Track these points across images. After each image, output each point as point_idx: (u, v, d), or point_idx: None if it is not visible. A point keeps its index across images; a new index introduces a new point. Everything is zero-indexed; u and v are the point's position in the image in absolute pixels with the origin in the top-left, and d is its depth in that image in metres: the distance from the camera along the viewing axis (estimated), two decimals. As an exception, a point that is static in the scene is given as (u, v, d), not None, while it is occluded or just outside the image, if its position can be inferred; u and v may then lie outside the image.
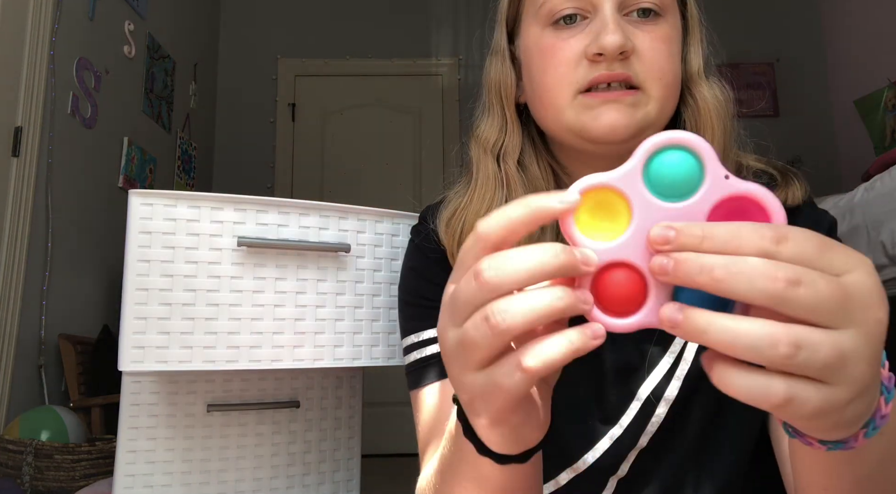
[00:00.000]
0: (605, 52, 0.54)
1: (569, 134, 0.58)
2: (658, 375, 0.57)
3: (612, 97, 0.55)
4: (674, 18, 0.59)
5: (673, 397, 0.57)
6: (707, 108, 0.59)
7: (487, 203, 0.62)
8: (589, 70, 0.55)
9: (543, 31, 0.58)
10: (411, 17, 3.64)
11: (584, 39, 0.56)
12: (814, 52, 3.60)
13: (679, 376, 0.57)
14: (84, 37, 2.18)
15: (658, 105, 0.56)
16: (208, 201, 0.90)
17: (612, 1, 0.55)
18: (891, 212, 1.61)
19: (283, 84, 3.54)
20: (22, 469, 1.49)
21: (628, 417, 0.58)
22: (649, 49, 0.55)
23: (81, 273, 2.16)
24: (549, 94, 0.58)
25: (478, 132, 0.66)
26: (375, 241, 0.99)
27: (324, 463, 1.16)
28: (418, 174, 3.50)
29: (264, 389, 1.13)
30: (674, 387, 0.57)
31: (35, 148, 1.89)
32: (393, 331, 1.00)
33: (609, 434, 0.58)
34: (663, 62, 0.56)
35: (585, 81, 0.56)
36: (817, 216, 0.61)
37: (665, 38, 0.56)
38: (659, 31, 0.56)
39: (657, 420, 0.57)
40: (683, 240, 0.27)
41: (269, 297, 0.91)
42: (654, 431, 0.57)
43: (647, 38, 0.56)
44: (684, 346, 0.57)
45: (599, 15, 0.55)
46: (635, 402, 0.58)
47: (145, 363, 0.85)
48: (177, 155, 2.96)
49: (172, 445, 1.06)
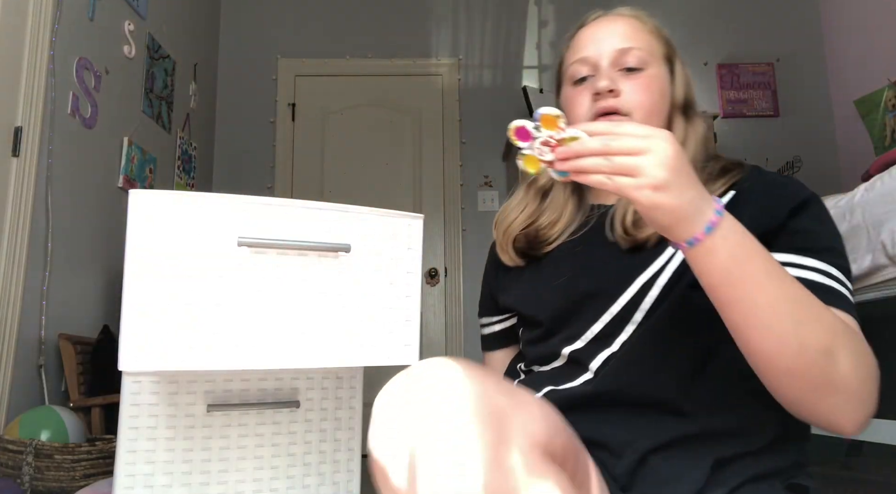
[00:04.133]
0: (599, 91, 0.81)
1: None
2: (652, 270, 0.76)
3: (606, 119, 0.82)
4: (657, 69, 0.84)
5: (662, 284, 0.75)
6: (678, 133, 0.84)
7: (519, 212, 0.91)
8: (593, 106, 0.83)
9: (569, 88, 0.88)
10: (411, 17, 3.64)
11: (591, 88, 0.84)
12: (814, 52, 3.60)
13: (668, 272, 0.75)
14: (84, 37, 2.18)
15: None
16: (208, 201, 0.90)
17: (606, 61, 0.84)
18: (891, 212, 1.61)
19: (283, 84, 3.54)
20: (22, 469, 1.49)
21: (626, 296, 0.76)
22: (631, 90, 0.82)
23: (81, 273, 2.16)
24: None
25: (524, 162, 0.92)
26: (376, 241, 0.99)
27: (324, 464, 1.16)
28: (418, 174, 3.50)
29: (264, 389, 1.13)
30: (662, 279, 0.75)
31: (35, 148, 1.89)
32: (393, 331, 1.00)
33: (609, 310, 0.77)
34: (642, 97, 0.82)
35: (592, 114, 0.83)
36: (765, 179, 0.79)
37: (645, 84, 0.82)
38: (641, 78, 0.82)
39: (649, 300, 0.75)
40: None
41: (269, 297, 0.91)
42: (646, 309, 0.75)
43: (630, 83, 0.82)
44: (673, 255, 0.76)
45: (598, 71, 0.84)
46: (632, 287, 0.76)
47: (145, 363, 0.85)
48: (177, 155, 2.96)
49: (172, 445, 1.06)
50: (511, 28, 3.65)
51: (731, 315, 0.62)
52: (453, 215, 3.46)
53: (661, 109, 0.83)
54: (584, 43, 0.87)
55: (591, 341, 0.78)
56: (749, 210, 0.71)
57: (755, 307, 0.60)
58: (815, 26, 3.62)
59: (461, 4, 3.68)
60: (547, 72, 3.60)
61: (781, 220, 0.72)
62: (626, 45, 0.83)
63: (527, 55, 3.64)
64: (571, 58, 0.88)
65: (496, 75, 3.64)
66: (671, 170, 0.56)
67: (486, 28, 3.68)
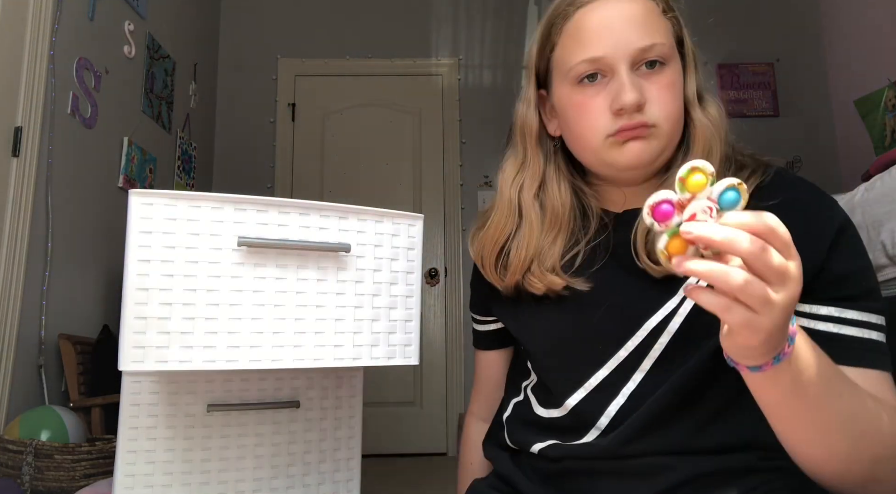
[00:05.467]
0: (624, 108, 0.68)
1: (602, 165, 0.74)
2: (663, 312, 0.69)
3: (633, 135, 0.69)
4: (675, 62, 0.72)
5: (674, 331, 0.69)
6: (702, 129, 0.72)
7: (502, 226, 0.79)
8: (614, 121, 0.70)
9: (572, 89, 0.73)
10: (411, 17, 3.64)
11: (607, 97, 0.70)
12: (814, 52, 3.60)
13: (681, 314, 0.69)
14: (84, 37, 2.18)
15: (668, 136, 0.71)
16: (208, 201, 0.90)
17: (626, 63, 0.69)
18: (891, 212, 1.61)
19: (283, 84, 3.54)
20: (22, 469, 1.49)
21: (635, 341, 0.70)
22: (658, 97, 0.69)
23: (81, 273, 2.16)
24: (584, 139, 0.73)
25: (503, 166, 0.82)
26: (376, 241, 0.99)
27: (324, 463, 1.16)
28: (418, 174, 3.50)
29: (264, 389, 1.13)
30: (675, 323, 0.69)
31: (35, 148, 1.89)
32: (393, 331, 1.00)
33: (616, 356, 0.71)
34: (670, 105, 0.70)
35: (612, 130, 0.70)
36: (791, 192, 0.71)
37: (669, 84, 0.70)
38: (664, 78, 0.70)
39: (659, 347, 0.69)
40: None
41: (269, 297, 0.91)
42: (656, 356, 0.69)
43: (654, 87, 0.69)
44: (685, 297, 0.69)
45: (617, 76, 0.69)
46: (641, 331, 0.70)
47: (145, 363, 0.85)
48: (177, 155, 2.96)
49: (172, 445, 1.06)
50: (511, 28, 3.65)
51: (779, 426, 0.57)
52: (453, 215, 3.46)
53: (682, 111, 0.73)
54: (591, 35, 0.70)
55: (595, 389, 0.72)
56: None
57: (809, 425, 0.55)
58: (815, 26, 3.62)
59: (461, 4, 3.68)
60: (547, 72, 3.59)
61: (821, 261, 0.65)
62: (647, 41, 0.69)
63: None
64: (575, 52, 0.71)
65: (496, 75, 3.64)
66: (787, 315, 0.47)
67: (486, 28, 3.68)
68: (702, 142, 0.71)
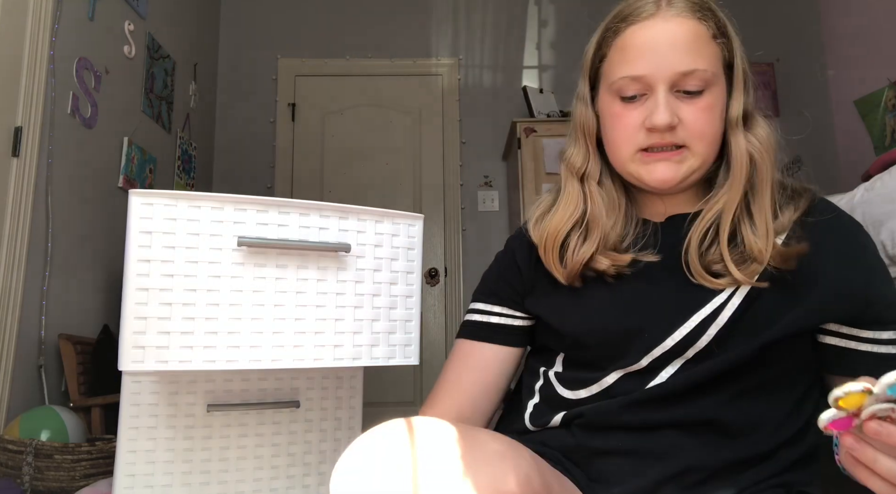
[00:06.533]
0: (656, 128, 0.71)
1: (629, 177, 0.78)
2: (712, 306, 0.71)
3: (663, 157, 0.73)
4: (718, 87, 0.73)
5: (722, 324, 0.70)
6: (740, 151, 0.74)
7: (570, 213, 0.79)
8: (646, 137, 0.73)
9: (614, 101, 0.76)
10: (411, 17, 3.64)
11: (643, 113, 0.73)
12: (814, 52, 3.60)
13: (731, 308, 0.70)
14: (84, 37, 2.18)
15: (700, 158, 0.73)
16: (208, 201, 0.90)
17: (665, 86, 0.71)
18: (891, 212, 1.61)
19: (283, 84, 3.54)
20: (22, 469, 1.49)
21: (682, 332, 0.71)
22: (693, 120, 0.71)
23: (81, 273, 2.16)
24: (616, 148, 0.77)
25: (566, 157, 0.84)
26: (376, 241, 0.99)
27: (324, 464, 1.16)
28: (418, 174, 3.50)
29: (264, 389, 1.13)
30: (724, 317, 0.70)
31: (35, 148, 1.89)
32: (393, 331, 1.00)
33: (662, 345, 0.71)
34: (704, 127, 0.72)
35: (643, 145, 0.73)
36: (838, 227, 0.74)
37: (707, 108, 0.72)
38: (702, 103, 0.72)
39: (706, 339, 0.70)
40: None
41: (269, 297, 0.91)
42: (701, 346, 0.70)
43: (691, 110, 0.72)
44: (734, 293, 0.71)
45: (654, 96, 0.72)
46: (689, 322, 0.71)
47: (145, 363, 0.85)
48: (177, 155, 2.96)
49: (173, 445, 1.06)
50: (511, 28, 3.65)
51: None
52: (453, 215, 3.46)
53: (719, 132, 0.74)
54: (637, 52, 0.73)
55: (634, 373, 0.73)
56: (827, 280, 0.69)
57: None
58: (815, 26, 3.62)
59: (461, 4, 3.68)
60: (547, 72, 3.59)
61: (866, 287, 0.70)
62: (689, 66, 0.71)
63: (527, 55, 3.64)
64: (620, 67, 0.74)
65: (496, 75, 3.64)
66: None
67: (486, 28, 3.68)
68: (741, 163, 0.73)
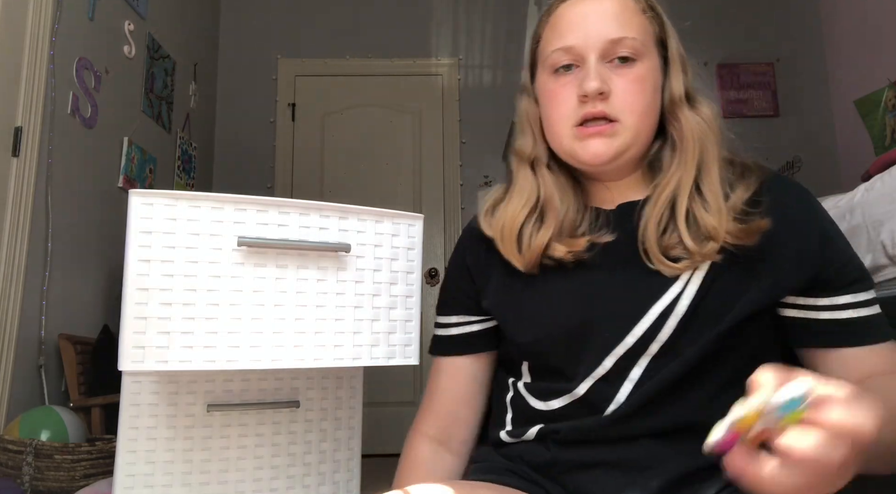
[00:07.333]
0: (587, 94, 0.71)
1: (570, 158, 0.77)
2: (669, 297, 0.70)
3: (595, 131, 0.73)
4: (650, 60, 0.74)
5: (681, 314, 0.69)
6: (689, 127, 0.74)
7: (524, 201, 0.79)
8: (579, 109, 0.73)
9: (549, 78, 0.76)
10: (411, 17, 3.64)
11: (575, 85, 0.73)
12: (814, 52, 3.60)
13: (687, 297, 0.70)
14: (84, 37, 2.18)
15: (632, 132, 0.73)
16: (208, 201, 0.90)
17: (595, 55, 0.72)
18: (891, 212, 1.61)
19: (283, 84, 3.54)
20: (22, 469, 1.49)
21: (642, 327, 0.70)
22: (623, 90, 0.72)
23: (81, 273, 2.16)
24: (554, 126, 0.76)
25: (516, 146, 0.83)
26: (376, 241, 0.99)
27: (324, 464, 1.16)
28: (418, 174, 3.50)
29: (264, 389, 1.13)
30: (681, 307, 0.69)
31: (35, 148, 1.89)
32: (393, 331, 1.00)
33: (623, 342, 0.70)
34: (634, 98, 0.72)
35: (577, 117, 0.73)
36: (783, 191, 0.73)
37: (638, 79, 0.73)
38: (633, 73, 0.72)
39: (668, 331, 0.69)
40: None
41: (269, 297, 0.91)
42: (664, 340, 0.69)
43: (622, 80, 0.72)
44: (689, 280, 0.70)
45: (585, 65, 0.73)
46: (647, 317, 0.70)
47: (145, 363, 0.85)
48: (177, 155, 2.96)
49: (173, 445, 1.06)
50: (511, 28, 3.65)
51: None
52: (453, 215, 3.46)
53: (654, 108, 0.75)
54: (567, 26, 0.75)
55: (602, 378, 0.71)
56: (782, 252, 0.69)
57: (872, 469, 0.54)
58: (815, 26, 3.62)
59: (461, 4, 3.68)
60: (547, 72, 3.59)
61: (820, 255, 0.69)
62: (617, 34, 0.72)
63: (527, 55, 3.64)
64: (552, 42, 0.76)
65: (496, 75, 3.64)
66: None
67: (486, 28, 3.68)
68: (691, 140, 0.73)
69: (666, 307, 0.70)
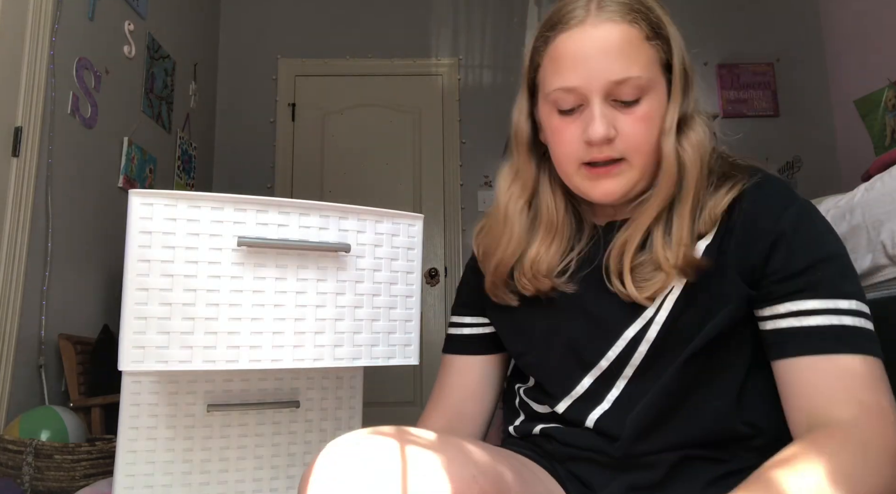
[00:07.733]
0: (593, 142, 0.70)
1: (575, 190, 0.76)
2: (640, 323, 0.70)
3: (604, 172, 0.71)
4: (656, 93, 0.71)
5: (652, 339, 0.70)
6: (668, 164, 0.71)
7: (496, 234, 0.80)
8: (586, 151, 0.71)
9: (552, 113, 0.74)
10: (411, 17, 3.64)
11: (581, 125, 0.71)
12: (814, 52, 3.60)
13: (658, 323, 0.69)
14: (84, 37, 2.18)
15: (639, 170, 0.72)
16: (208, 201, 0.90)
17: (599, 97, 0.69)
18: (891, 212, 1.61)
19: (283, 84, 3.54)
20: (22, 469, 1.49)
21: (615, 351, 0.71)
22: (630, 131, 0.70)
23: (81, 273, 2.16)
24: (561, 164, 0.76)
25: (500, 174, 0.83)
26: (376, 241, 0.99)
27: (324, 463, 1.16)
28: (418, 174, 3.50)
29: (264, 389, 1.13)
30: (652, 332, 0.70)
31: (35, 148, 1.89)
32: (393, 331, 1.00)
33: (598, 365, 0.72)
34: (641, 139, 0.70)
35: (585, 159, 0.72)
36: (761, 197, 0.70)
37: (644, 118, 0.70)
38: (639, 112, 0.70)
39: (639, 356, 0.70)
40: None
41: (269, 297, 0.91)
42: (637, 364, 0.70)
43: (628, 120, 0.70)
44: (662, 302, 0.70)
45: (590, 108, 0.70)
46: (620, 341, 0.71)
47: (145, 363, 0.85)
48: (177, 155, 2.96)
49: (172, 445, 1.06)
50: (511, 28, 3.65)
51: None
52: (453, 215, 3.46)
53: (656, 139, 0.72)
54: (569, 63, 0.70)
55: (580, 398, 0.74)
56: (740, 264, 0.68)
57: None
58: (815, 26, 3.62)
59: (461, 4, 3.68)
60: (547, 72, 3.59)
61: (761, 268, 0.68)
62: (621, 74, 0.68)
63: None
64: (553, 78, 0.72)
65: (496, 75, 3.64)
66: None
67: (486, 28, 3.68)
68: (669, 173, 0.71)
69: (637, 332, 0.70)
